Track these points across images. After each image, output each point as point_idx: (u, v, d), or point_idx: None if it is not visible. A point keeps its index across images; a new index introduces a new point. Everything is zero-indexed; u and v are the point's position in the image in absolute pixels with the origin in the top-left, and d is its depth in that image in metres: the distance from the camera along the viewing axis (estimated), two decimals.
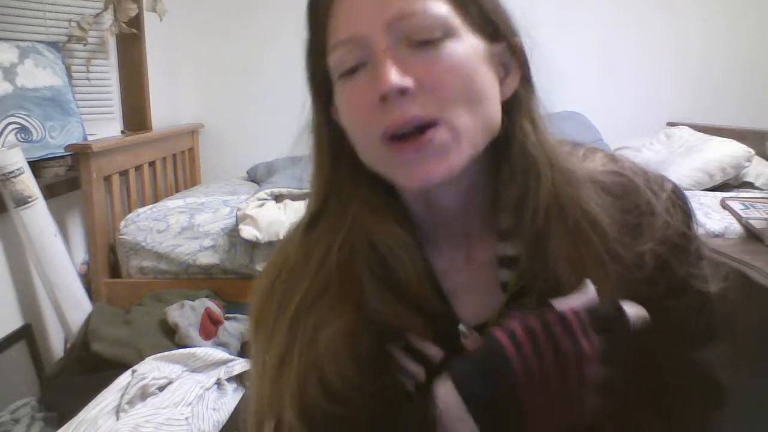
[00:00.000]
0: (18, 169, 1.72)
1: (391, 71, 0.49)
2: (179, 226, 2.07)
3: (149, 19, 2.63)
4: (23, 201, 1.72)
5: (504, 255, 0.57)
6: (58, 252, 1.82)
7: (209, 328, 1.79)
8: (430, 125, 0.50)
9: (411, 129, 0.50)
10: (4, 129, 1.87)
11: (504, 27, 0.55)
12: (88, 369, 1.66)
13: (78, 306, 1.86)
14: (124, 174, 2.26)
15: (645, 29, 3.05)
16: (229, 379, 1.54)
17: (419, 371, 0.55)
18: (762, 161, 2.49)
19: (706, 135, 2.62)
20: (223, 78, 3.16)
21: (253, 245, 1.99)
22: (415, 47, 0.51)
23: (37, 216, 1.76)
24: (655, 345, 0.50)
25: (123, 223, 2.09)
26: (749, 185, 2.43)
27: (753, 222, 1.87)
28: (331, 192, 0.59)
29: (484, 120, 0.53)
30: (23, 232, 1.75)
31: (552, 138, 0.57)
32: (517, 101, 0.56)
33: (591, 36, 3.04)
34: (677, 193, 0.58)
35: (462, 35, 0.52)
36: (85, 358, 1.67)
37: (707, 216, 1.97)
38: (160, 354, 1.59)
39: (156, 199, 2.48)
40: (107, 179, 2.11)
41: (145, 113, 2.71)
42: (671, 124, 3.01)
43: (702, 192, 2.25)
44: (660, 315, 0.49)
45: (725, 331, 0.59)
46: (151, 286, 2.01)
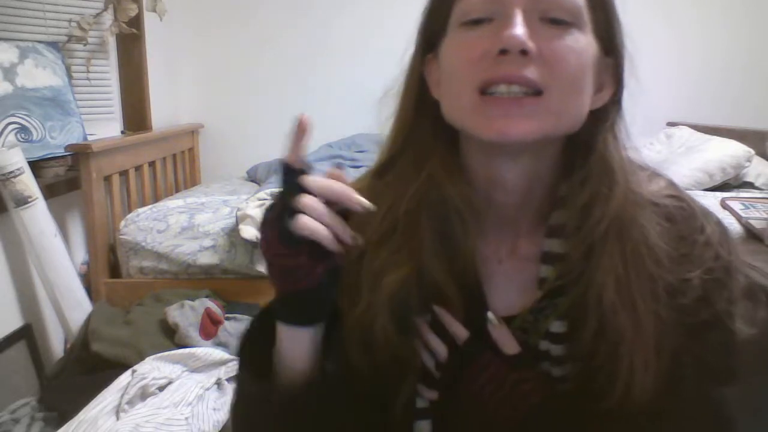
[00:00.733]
0: (18, 169, 1.71)
1: (523, 28, 0.51)
2: (179, 226, 2.07)
3: (149, 19, 2.63)
4: (23, 201, 1.72)
5: (550, 251, 0.59)
6: (58, 252, 1.82)
7: (209, 328, 1.78)
8: (534, 93, 0.52)
9: (512, 91, 0.52)
10: (4, 129, 1.87)
11: (618, 44, 0.59)
12: (88, 369, 1.65)
13: (78, 306, 1.86)
14: (124, 174, 2.26)
15: (645, 30, 3.03)
16: (229, 379, 1.54)
17: (442, 349, 0.57)
18: (762, 161, 2.49)
19: (706, 135, 2.61)
20: (223, 78, 3.16)
21: (253, 245, 1.98)
22: (547, 23, 0.53)
23: (37, 216, 1.76)
24: (681, 374, 0.53)
25: (123, 223, 2.09)
26: (749, 185, 2.43)
27: (753, 222, 1.87)
28: (409, 144, 0.61)
29: (574, 113, 0.55)
30: (23, 232, 1.75)
31: (627, 158, 0.59)
32: (605, 115, 0.59)
33: None
34: (721, 227, 0.60)
35: (587, 32, 0.55)
36: (85, 358, 1.67)
37: None
38: (160, 354, 1.58)
39: (156, 199, 2.48)
40: (107, 179, 2.11)
41: (145, 113, 2.71)
42: (671, 124, 3.00)
43: (702, 192, 2.25)
44: (691, 345, 0.52)
45: (745, 375, 0.59)
46: (151, 286, 2.01)
